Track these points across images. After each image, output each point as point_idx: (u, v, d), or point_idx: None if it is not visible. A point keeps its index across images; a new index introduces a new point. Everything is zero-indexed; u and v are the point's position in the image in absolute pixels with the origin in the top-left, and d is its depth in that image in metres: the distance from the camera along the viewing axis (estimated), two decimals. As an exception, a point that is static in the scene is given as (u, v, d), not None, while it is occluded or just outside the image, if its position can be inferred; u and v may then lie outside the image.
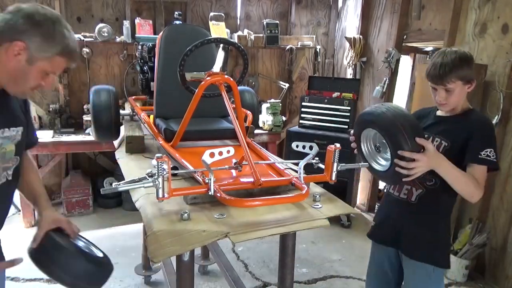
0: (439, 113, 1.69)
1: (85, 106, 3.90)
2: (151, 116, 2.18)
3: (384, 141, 1.50)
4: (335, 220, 3.86)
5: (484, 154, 1.51)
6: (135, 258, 3.04)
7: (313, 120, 4.06)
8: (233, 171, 1.53)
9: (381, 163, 1.58)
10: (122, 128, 2.33)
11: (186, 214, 1.23)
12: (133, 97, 2.81)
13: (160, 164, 1.17)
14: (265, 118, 4.21)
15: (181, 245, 1.09)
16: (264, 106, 4.19)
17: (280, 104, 4.25)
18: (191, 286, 1.35)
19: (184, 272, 1.32)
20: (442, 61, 1.55)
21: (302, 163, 1.45)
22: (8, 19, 1.11)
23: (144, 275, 2.84)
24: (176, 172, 1.44)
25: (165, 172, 1.18)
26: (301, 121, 4.13)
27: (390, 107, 1.49)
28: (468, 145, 1.53)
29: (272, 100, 4.24)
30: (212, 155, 1.27)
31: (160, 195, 1.20)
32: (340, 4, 4.79)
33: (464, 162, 1.53)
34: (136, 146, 1.97)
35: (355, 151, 1.66)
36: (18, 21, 1.11)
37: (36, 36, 1.11)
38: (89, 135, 3.67)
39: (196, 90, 1.68)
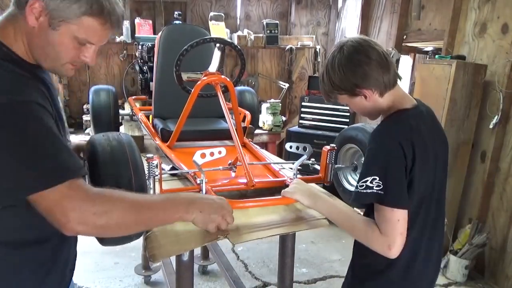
0: None
1: (84, 106, 3.91)
2: (150, 116, 2.18)
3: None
4: (335, 220, 3.85)
5: (361, 187, 1.02)
6: (135, 258, 3.04)
7: (313, 120, 4.06)
8: (230, 171, 1.53)
9: (352, 183, 1.54)
10: (121, 128, 2.33)
11: (185, 214, 1.22)
12: (133, 97, 2.81)
13: (151, 164, 1.16)
14: (265, 118, 4.21)
15: (180, 245, 1.09)
16: (264, 106, 4.19)
17: (280, 104, 4.25)
18: (190, 286, 1.35)
19: (184, 272, 1.31)
20: (323, 69, 1.18)
21: (296, 164, 1.44)
22: None
23: (143, 275, 2.84)
24: (168, 172, 1.44)
25: (156, 173, 1.17)
26: (301, 121, 4.13)
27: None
28: None
29: (272, 100, 4.24)
30: (203, 155, 1.27)
31: None
32: (340, 4, 4.79)
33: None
34: (135, 146, 1.97)
35: None
36: None
37: None
38: (89, 135, 3.66)
39: (192, 90, 1.68)
